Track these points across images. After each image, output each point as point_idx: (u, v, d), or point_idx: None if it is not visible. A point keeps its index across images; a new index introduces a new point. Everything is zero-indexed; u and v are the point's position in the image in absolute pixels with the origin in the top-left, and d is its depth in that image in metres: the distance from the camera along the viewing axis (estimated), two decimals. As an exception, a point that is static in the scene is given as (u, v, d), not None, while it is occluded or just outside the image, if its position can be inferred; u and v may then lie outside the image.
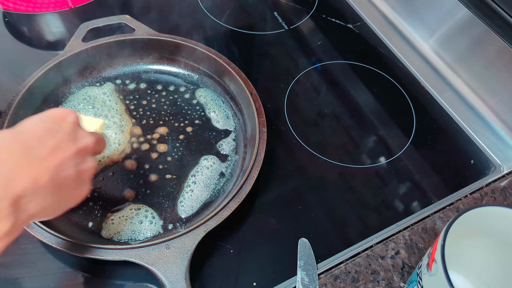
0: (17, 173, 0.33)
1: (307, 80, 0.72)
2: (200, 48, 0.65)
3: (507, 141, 0.66)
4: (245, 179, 0.53)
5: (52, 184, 0.35)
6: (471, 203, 0.58)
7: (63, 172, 0.36)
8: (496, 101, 0.68)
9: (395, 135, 0.66)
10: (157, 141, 0.61)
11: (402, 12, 0.80)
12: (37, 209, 0.35)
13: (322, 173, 0.61)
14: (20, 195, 0.33)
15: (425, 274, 0.42)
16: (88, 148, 0.40)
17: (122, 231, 0.52)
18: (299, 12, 0.82)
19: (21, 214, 0.33)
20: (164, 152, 0.60)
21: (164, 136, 0.62)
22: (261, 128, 0.57)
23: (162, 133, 0.62)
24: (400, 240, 0.54)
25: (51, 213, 0.38)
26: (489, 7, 0.64)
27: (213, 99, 0.66)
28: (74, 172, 0.38)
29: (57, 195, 0.36)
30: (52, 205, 0.37)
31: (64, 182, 0.37)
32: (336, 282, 0.51)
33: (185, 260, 0.47)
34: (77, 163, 0.38)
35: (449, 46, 0.73)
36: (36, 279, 0.50)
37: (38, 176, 0.34)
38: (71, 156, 0.37)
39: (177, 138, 0.62)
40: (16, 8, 0.78)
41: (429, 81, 0.73)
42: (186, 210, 0.55)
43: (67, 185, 0.37)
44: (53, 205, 0.37)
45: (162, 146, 0.61)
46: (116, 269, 0.51)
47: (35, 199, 0.34)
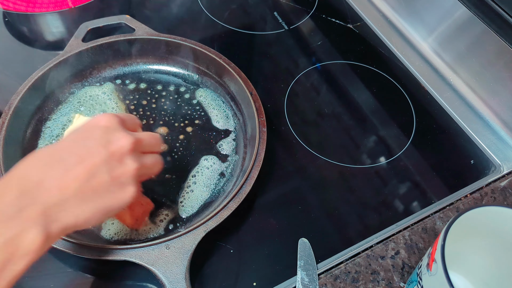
0: (43, 184, 0.33)
1: (307, 80, 0.72)
2: (200, 48, 0.65)
3: (507, 141, 0.66)
4: (245, 179, 0.53)
5: (83, 192, 0.35)
6: (471, 203, 0.58)
7: (95, 179, 0.36)
8: (496, 101, 0.68)
9: (395, 135, 0.66)
10: (157, 141, 0.61)
11: (402, 12, 0.80)
12: (71, 219, 0.34)
13: (322, 173, 0.61)
14: (49, 205, 0.33)
15: (425, 274, 0.42)
16: (123, 150, 0.38)
17: (122, 231, 0.52)
18: (299, 12, 0.82)
19: (53, 225, 0.33)
20: (164, 152, 0.60)
21: (164, 136, 0.62)
22: (261, 128, 0.57)
23: (162, 133, 0.62)
24: (400, 240, 0.54)
25: (93, 221, 0.37)
26: (489, 7, 0.64)
27: (213, 99, 0.66)
28: (108, 177, 0.36)
29: (91, 202, 0.36)
30: (88, 213, 0.36)
31: (98, 188, 0.36)
32: (336, 282, 0.51)
33: (185, 260, 0.47)
34: (111, 167, 0.37)
35: (449, 46, 0.73)
36: (36, 279, 0.50)
37: (65, 185, 0.34)
38: (102, 162, 0.36)
39: (177, 138, 0.62)
40: (16, 8, 0.78)
41: (429, 81, 0.73)
42: (186, 210, 0.55)
43: (103, 191, 0.36)
44: (89, 213, 0.36)
45: (162, 146, 0.61)
46: (116, 269, 0.51)
47: (66, 208, 0.34)
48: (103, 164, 0.36)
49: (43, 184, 0.33)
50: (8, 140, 0.54)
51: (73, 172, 0.35)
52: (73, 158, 0.35)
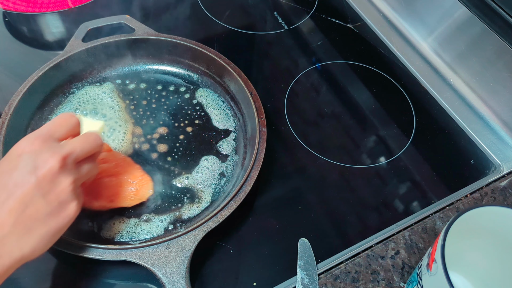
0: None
1: (307, 80, 0.72)
2: (200, 48, 0.65)
3: (507, 141, 0.66)
4: (245, 179, 0.53)
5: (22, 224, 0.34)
6: (471, 203, 0.58)
7: (31, 208, 0.35)
8: (496, 101, 0.68)
9: (395, 135, 0.66)
10: (157, 141, 0.61)
11: (402, 12, 0.80)
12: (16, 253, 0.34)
13: (322, 173, 0.61)
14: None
15: (425, 274, 0.42)
16: (53, 170, 0.36)
17: (122, 231, 0.52)
18: (299, 12, 0.82)
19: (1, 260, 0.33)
20: (164, 152, 0.60)
21: (164, 136, 0.62)
22: (261, 128, 0.57)
23: (162, 133, 0.62)
24: (400, 240, 0.54)
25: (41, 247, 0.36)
26: (489, 7, 0.64)
27: (213, 99, 0.66)
28: (44, 202, 0.36)
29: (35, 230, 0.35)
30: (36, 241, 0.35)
31: (37, 215, 0.35)
32: (336, 282, 0.51)
33: (185, 260, 0.47)
34: (45, 191, 0.36)
35: (449, 46, 0.73)
36: (36, 279, 0.50)
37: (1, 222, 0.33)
38: (33, 189, 0.35)
39: (177, 138, 0.62)
40: (16, 8, 0.78)
41: (429, 81, 0.73)
42: (186, 210, 0.55)
43: (43, 217, 0.36)
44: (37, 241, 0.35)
45: (162, 146, 0.61)
46: (116, 269, 0.51)
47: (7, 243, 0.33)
48: (35, 190, 0.35)
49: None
50: (8, 140, 0.54)
51: (5, 207, 0.34)
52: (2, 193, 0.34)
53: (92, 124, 0.55)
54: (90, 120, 0.56)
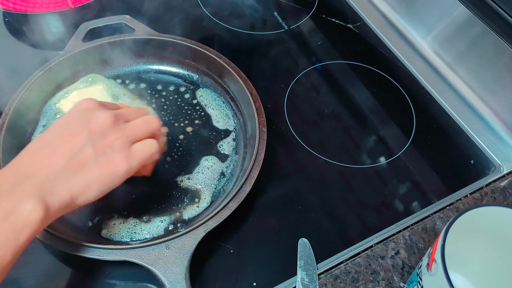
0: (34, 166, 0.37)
1: (307, 80, 0.72)
2: (200, 48, 0.65)
3: (507, 141, 0.66)
4: (245, 179, 0.53)
5: (71, 167, 0.38)
6: (471, 203, 0.58)
7: (80, 154, 0.38)
8: (496, 101, 0.68)
9: (395, 135, 0.66)
10: (157, 141, 0.61)
11: (402, 12, 0.80)
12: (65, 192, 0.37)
13: (322, 173, 0.61)
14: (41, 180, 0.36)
15: (425, 274, 0.42)
16: (104, 125, 0.40)
17: (122, 231, 0.52)
18: (299, 12, 0.82)
19: (49, 198, 0.36)
20: (164, 152, 0.60)
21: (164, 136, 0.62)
22: (261, 128, 0.57)
23: (162, 133, 0.62)
24: (400, 240, 0.54)
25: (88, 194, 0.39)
26: (489, 7, 0.64)
27: (213, 99, 0.66)
28: (92, 150, 0.39)
29: (82, 175, 0.38)
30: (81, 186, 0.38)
31: (84, 162, 0.39)
32: (336, 282, 0.51)
33: (185, 260, 0.47)
34: (94, 141, 0.39)
35: (449, 46, 0.73)
36: (36, 279, 0.50)
37: (54, 162, 0.37)
38: (84, 138, 0.39)
39: (177, 138, 0.62)
40: (16, 8, 0.78)
41: (429, 81, 0.73)
42: (186, 210, 0.55)
43: (90, 163, 0.39)
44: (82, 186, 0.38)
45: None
46: (116, 269, 0.51)
47: (58, 182, 0.37)
48: (86, 140, 0.39)
49: (34, 165, 0.37)
50: (8, 140, 0.54)
51: (59, 151, 0.38)
52: (58, 140, 0.39)
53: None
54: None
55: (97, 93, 0.62)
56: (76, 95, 0.62)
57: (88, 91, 0.63)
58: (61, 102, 0.62)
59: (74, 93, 0.62)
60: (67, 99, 0.62)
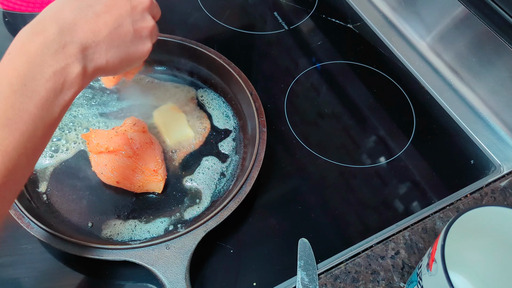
0: (78, 25, 0.37)
1: (307, 80, 0.72)
2: (200, 48, 0.65)
3: (507, 141, 0.66)
4: (245, 179, 0.53)
5: (112, 38, 0.39)
6: (471, 203, 0.58)
7: (121, 28, 0.40)
8: (496, 101, 0.68)
9: (395, 135, 0.66)
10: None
11: (402, 12, 0.80)
12: (102, 61, 0.39)
13: (322, 173, 0.61)
14: (85, 45, 0.37)
15: (425, 274, 0.42)
16: (143, 6, 0.42)
17: (122, 231, 0.52)
18: (299, 12, 0.82)
19: (89, 63, 0.37)
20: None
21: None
22: (261, 128, 0.57)
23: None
24: (400, 240, 0.54)
25: (118, 67, 0.41)
26: (488, 7, 0.64)
27: (213, 99, 0.66)
28: (132, 29, 0.41)
29: (118, 49, 0.40)
30: (115, 58, 0.40)
31: (124, 37, 0.40)
32: (336, 282, 0.51)
33: (185, 260, 0.47)
34: (134, 20, 0.41)
35: (449, 46, 0.73)
36: (36, 279, 0.50)
37: (97, 29, 0.38)
38: (127, 13, 0.40)
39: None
40: (16, 8, 0.78)
41: (429, 81, 0.73)
42: (186, 210, 0.55)
43: (127, 41, 0.41)
44: (117, 59, 0.40)
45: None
46: (116, 269, 0.51)
47: (98, 50, 0.38)
48: (128, 15, 0.41)
49: (78, 25, 0.37)
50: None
51: (103, 18, 0.39)
52: (101, 6, 0.39)
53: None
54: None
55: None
56: None
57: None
58: None
59: None
60: None
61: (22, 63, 0.34)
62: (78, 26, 0.37)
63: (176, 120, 0.61)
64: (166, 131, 0.60)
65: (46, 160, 0.57)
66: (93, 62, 0.38)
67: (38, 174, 0.56)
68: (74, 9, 0.38)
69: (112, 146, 0.53)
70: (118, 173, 0.53)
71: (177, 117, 0.61)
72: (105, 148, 0.53)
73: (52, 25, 0.36)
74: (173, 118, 0.61)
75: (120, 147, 0.53)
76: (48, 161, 0.57)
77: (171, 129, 0.60)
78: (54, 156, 0.58)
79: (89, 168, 0.56)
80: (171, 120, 0.61)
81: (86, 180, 0.57)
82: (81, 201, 0.55)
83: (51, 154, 0.58)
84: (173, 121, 0.61)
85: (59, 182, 0.56)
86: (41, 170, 0.57)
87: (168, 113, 0.62)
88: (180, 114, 0.61)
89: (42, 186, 0.55)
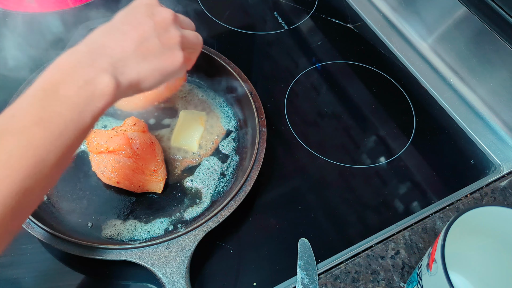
0: (107, 44, 0.40)
1: (307, 80, 0.72)
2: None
3: (507, 141, 0.66)
4: (245, 179, 0.53)
5: (140, 52, 0.41)
6: (471, 203, 0.58)
7: (148, 42, 0.42)
8: (496, 101, 0.68)
9: (395, 135, 0.66)
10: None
11: (402, 12, 0.80)
12: (134, 74, 0.41)
13: (322, 173, 0.61)
14: (115, 59, 0.40)
15: (425, 274, 0.42)
16: (166, 21, 0.44)
17: (122, 231, 0.52)
18: (299, 12, 0.82)
19: (120, 76, 0.39)
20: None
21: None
22: (261, 128, 0.57)
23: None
24: (400, 240, 0.54)
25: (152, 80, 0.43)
26: (488, 7, 0.64)
27: (213, 99, 0.66)
28: (158, 41, 0.43)
29: (148, 61, 0.42)
30: (147, 71, 0.42)
31: (151, 50, 0.42)
32: (336, 282, 0.51)
33: (185, 260, 0.47)
34: (159, 33, 0.43)
35: (449, 46, 0.73)
36: (36, 279, 0.50)
37: (125, 46, 0.41)
38: (151, 28, 0.43)
39: (177, 138, 0.62)
40: (16, 8, 0.78)
41: (429, 81, 0.73)
42: (186, 210, 0.55)
43: (156, 53, 0.43)
44: (148, 71, 0.42)
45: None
46: (116, 269, 0.51)
47: (128, 64, 0.41)
48: (152, 30, 0.43)
49: (107, 45, 0.40)
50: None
51: (129, 36, 0.42)
52: (127, 26, 0.42)
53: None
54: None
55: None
56: None
57: None
58: None
59: None
60: None
61: (55, 74, 0.37)
62: (107, 45, 0.40)
63: (192, 129, 0.61)
64: (176, 132, 0.60)
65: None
66: (124, 75, 0.40)
67: (38, 174, 0.56)
68: (103, 33, 0.42)
69: (112, 146, 0.53)
70: (118, 173, 0.53)
71: (196, 128, 0.61)
72: (105, 148, 0.53)
73: (83, 47, 0.40)
74: (191, 126, 0.61)
75: (120, 147, 0.53)
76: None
77: (182, 134, 0.60)
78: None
79: (89, 168, 0.56)
80: (188, 127, 0.61)
81: (86, 180, 0.57)
82: (81, 201, 0.55)
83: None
84: (190, 128, 0.61)
85: (59, 182, 0.56)
86: (41, 170, 0.56)
87: (191, 119, 0.62)
88: (200, 127, 0.61)
89: (42, 186, 0.55)
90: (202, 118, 0.62)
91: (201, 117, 0.62)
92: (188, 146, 0.60)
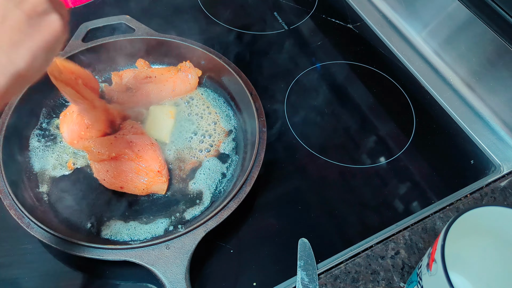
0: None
1: (307, 80, 0.72)
2: (200, 48, 0.65)
3: (507, 141, 0.66)
4: (245, 179, 0.53)
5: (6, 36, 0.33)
6: (471, 203, 0.58)
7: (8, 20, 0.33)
8: (496, 101, 0.68)
9: (395, 135, 0.66)
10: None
11: (402, 12, 0.80)
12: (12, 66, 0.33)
13: (322, 173, 0.61)
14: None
15: (425, 274, 0.42)
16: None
17: (122, 231, 0.52)
18: (299, 12, 0.82)
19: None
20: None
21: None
22: (261, 128, 0.57)
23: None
24: (400, 240, 0.54)
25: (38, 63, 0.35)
26: (489, 7, 0.64)
27: (213, 99, 0.66)
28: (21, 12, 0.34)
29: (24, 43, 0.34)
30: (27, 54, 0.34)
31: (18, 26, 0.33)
32: (336, 282, 0.51)
33: (185, 260, 0.47)
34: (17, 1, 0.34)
35: (449, 46, 0.73)
36: (36, 279, 0.50)
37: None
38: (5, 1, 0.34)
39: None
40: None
41: (429, 81, 0.73)
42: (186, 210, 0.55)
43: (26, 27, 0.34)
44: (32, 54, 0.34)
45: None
46: (116, 269, 0.51)
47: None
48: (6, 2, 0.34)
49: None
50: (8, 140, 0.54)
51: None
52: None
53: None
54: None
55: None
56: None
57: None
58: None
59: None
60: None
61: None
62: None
63: (163, 122, 0.61)
64: (147, 127, 0.60)
65: (47, 161, 0.57)
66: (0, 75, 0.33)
67: (38, 175, 0.56)
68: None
69: (114, 152, 0.52)
70: (122, 178, 0.53)
71: (166, 121, 0.61)
72: (107, 155, 0.52)
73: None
74: (161, 119, 0.61)
75: (122, 152, 0.53)
76: (49, 161, 0.57)
77: (152, 127, 0.60)
78: (54, 155, 0.58)
79: (89, 168, 0.56)
80: (159, 121, 0.61)
81: (86, 180, 0.57)
82: (81, 201, 0.55)
83: (51, 154, 0.58)
84: (160, 122, 0.60)
85: (60, 182, 0.56)
86: (42, 170, 0.57)
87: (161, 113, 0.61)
88: (170, 120, 0.61)
89: (42, 186, 0.55)
90: (172, 112, 0.62)
91: (171, 111, 0.62)
92: (159, 138, 0.59)
